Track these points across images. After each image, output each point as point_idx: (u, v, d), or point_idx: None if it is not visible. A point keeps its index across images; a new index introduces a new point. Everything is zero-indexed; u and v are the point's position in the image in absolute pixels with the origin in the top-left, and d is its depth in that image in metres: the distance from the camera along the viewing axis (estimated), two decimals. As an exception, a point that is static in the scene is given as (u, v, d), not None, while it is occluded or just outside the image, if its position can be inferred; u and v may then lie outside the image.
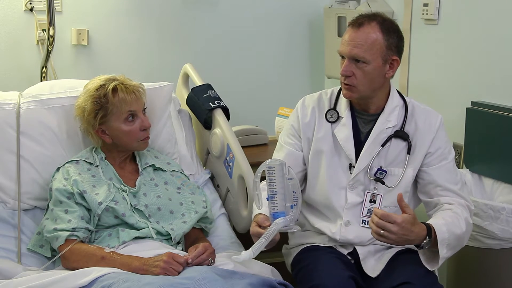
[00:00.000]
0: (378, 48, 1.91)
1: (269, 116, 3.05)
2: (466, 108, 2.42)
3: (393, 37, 1.93)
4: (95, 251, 1.91)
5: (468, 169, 2.44)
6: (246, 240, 2.27)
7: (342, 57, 1.95)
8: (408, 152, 1.98)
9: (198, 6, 3.10)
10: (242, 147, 2.32)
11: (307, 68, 3.35)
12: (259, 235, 1.77)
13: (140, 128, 2.10)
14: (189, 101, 2.52)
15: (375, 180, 1.98)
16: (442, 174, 1.98)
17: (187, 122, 2.53)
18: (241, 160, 2.23)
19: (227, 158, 2.33)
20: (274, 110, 3.02)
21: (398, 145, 2.00)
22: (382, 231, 1.75)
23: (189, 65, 2.63)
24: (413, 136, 2.00)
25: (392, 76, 1.99)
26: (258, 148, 2.88)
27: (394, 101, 2.02)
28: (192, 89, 2.52)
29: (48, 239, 1.98)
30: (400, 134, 1.99)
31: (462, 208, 1.94)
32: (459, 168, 2.54)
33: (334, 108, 2.05)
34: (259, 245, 1.73)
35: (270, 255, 2.35)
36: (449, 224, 1.85)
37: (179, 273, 1.80)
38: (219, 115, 2.41)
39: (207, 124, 2.47)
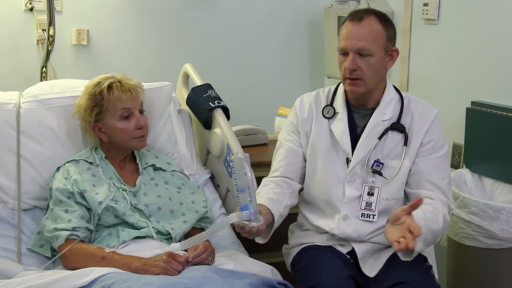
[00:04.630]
0: (381, 40, 1.95)
1: (269, 116, 3.05)
2: (466, 108, 2.42)
3: (391, 28, 2.00)
4: (96, 251, 1.91)
5: (468, 169, 2.44)
6: (246, 240, 2.27)
7: (344, 53, 1.97)
8: (405, 144, 1.99)
9: (198, 6, 3.10)
10: (242, 147, 2.32)
11: (307, 68, 3.35)
12: (238, 228, 1.78)
13: (135, 127, 2.09)
14: (189, 101, 2.52)
15: (372, 172, 1.99)
16: (430, 167, 1.98)
17: (187, 122, 2.53)
18: (241, 160, 2.23)
19: (227, 158, 2.33)
20: (274, 110, 3.01)
21: (394, 137, 2.01)
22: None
23: (189, 65, 2.63)
24: (409, 128, 2.01)
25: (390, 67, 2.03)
26: (258, 148, 2.87)
27: (390, 95, 2.04)
28: (192, 89, 2.52)
29: (48, 238, 1.98)
30: (397, 126, 2.01)
31: (442, 205, 1.93)
32: (459, 168, 2.54)
33: (331, 104, 2.07)
34: (189, 241, 1.74)
35: (270, 255, 2.36)
36: (428, 219, 1.83)
37: (179, 272, 1.80)
38: (219, 115, 2.41)
39: (207, 124, 2.47)
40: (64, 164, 2.10)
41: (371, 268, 1.96)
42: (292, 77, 3.34)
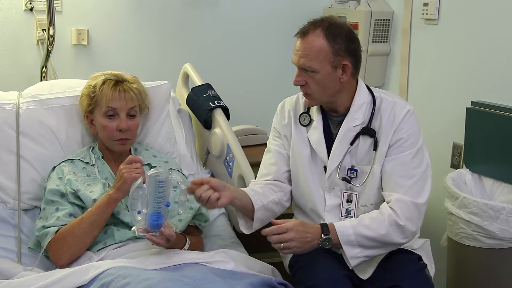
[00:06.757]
0: (324, 56, 1.87)
1: (269, 116, 3.00)
2: (466, 108, 2.42)
3: (339, 42, 1.87)
4: (73, 221, 1.94)
5: (468, 169, 2.44)
6: (246, 240, 2.27)
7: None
8: (375, 149, 1.94)
9: (198, 6, 3.10)
10: (242, 147, 2.32)
11: (307, 68, 3.35)
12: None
13: (116, 128, 2.09)
14: (189, 101, 2.52)
15: (342, 179, 1.96)
16: (395, 167, 1.91)
17: (187, 121, 2.53)
18: (241, 160, 2.23)
19: (227, 158, 2.33)
20: (274, 110, 2.99)
21: (366, 142, 1.96)
22: (282, 245, 1.78)
23: (189, 65, 2.64)
24: (378, 131, 1.95)
25: (356, 76, 1.96)
26: (258, 148, 2.86)
27: (361, 98, 1.97)
28: (192, 89, 2.53)
29: (38, 238, 1.98)
30: (367, 131, 1.95)
31: (399, 206, 1.85)
32: (459, 168, 2.54)
33: (307, 112, 2.05)
34: None
35: (271, 255, 2.36)
36: (360, 226, 1.83)
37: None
38: (219, 115, 2.41)
39: (207, 124, 2.47)
40: (59, 164, 2.11)
41: (364, 270, 1.95)
42: (292, 77, 3.30)
